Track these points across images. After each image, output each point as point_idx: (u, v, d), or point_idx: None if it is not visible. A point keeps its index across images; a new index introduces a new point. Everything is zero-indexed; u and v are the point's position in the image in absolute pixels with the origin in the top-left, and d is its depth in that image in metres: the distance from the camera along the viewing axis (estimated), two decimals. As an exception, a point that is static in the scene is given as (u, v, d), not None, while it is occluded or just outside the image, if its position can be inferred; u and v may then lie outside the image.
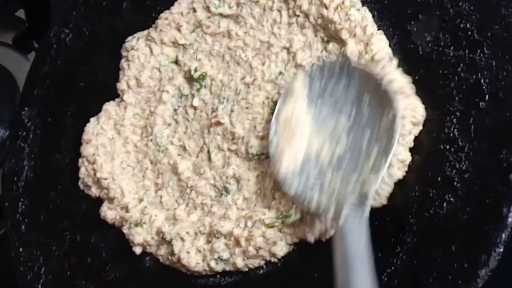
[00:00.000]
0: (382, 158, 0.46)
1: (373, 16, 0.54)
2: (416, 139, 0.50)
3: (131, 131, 0.63)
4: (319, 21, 0.55)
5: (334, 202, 0.46)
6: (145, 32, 0.65)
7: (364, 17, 0.53)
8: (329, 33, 0.55)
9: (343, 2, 0.54)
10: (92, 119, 0.65)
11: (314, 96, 0.52)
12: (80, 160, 0.64)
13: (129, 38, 0.65)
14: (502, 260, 0.44)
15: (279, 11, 0.58)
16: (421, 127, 0.50)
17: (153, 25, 0.64)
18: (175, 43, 0.63)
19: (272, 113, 0.56)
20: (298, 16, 0.57)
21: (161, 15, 0.64)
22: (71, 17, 0.71)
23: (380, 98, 0.48)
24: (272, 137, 0.52)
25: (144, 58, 0.64)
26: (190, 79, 0.62)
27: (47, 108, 0.70)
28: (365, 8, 0.54)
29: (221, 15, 0.61)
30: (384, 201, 0.49)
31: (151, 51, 0.64)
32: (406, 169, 0.49)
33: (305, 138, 0.50)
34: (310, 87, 0.52)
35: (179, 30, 0.63)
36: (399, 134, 0.46)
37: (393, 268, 0.48)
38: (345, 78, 0.50)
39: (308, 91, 0.52)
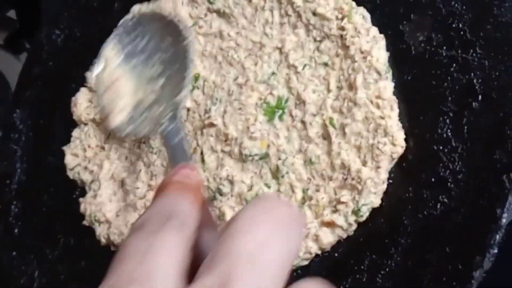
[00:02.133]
0: (185, 74, 0.53)
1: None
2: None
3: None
4: (312, 20, 0.55)
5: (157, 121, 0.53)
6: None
7: (365, 17, 0.54)
8: (322, 32, 0.55)
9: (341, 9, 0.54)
10: None
11: (128, 55, 0.58)
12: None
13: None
14: (496, 262, 0.44)
15: (271, 11, 0.58)
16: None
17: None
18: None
19: (265, 114, 0.56)
20: (290, 16, 0.56)
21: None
22: (62, 18, 0.71)
23: (176, 34, 0.55)
24: (97, 99, 0.59)
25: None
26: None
27: (39, 110, 0.70)
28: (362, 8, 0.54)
29: (215, 12, 0.61)
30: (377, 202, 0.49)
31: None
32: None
33: (129, 96, 0.57)
34: (122, 49, 0.58)
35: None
36: (193, 53, 0.54)
37: (387, 270, 0.48)
38: (148, 30, 0.57)
39: (120, 53, 0.58)
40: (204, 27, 0.61)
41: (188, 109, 0.60)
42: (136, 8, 0.65)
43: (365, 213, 0.50)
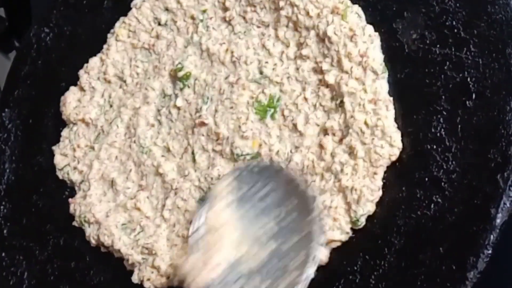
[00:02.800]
0: (307, 260, 0.45)
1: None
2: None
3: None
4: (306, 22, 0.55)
5: None
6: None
7: (360, 16, 0.53)
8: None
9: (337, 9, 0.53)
10: None
11: (243, 199, 0.50)
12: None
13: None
14: (490, 262, 0.43)
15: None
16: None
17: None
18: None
19: (256, 113, 0.55)
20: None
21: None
22: (51, 16, 0.70)
23: (304, 201, 0.47)
24: (196, 240, 0.50)
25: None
26: (173, 77, 0.61)
27: (28, 109, 0.69)
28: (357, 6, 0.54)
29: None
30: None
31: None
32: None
33: (230, 245, 0.49)
34: (238, 190, 0.50)
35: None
36: (321, 236, 0.46)
37: (380, 271, 0.48)
38: (273, 181, 0.49)
39: (235, 195, 0.50)
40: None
41: (179, 108, 0.60)
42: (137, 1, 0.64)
43: (362, 222, 0.49)
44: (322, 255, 0.48)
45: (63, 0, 0.70)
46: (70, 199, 0.63)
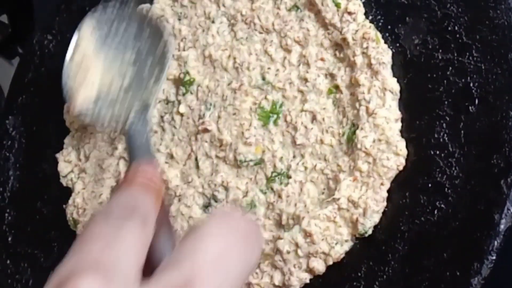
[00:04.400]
0: (161, 73, 0.54)
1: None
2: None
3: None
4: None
5: (123, 115, 0.52)
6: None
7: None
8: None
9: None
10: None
11: (102, 38, 0.57)
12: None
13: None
14: (494, 268, 0.43)
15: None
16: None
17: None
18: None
19: (259, 119, 0.55)
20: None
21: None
22: (53, 23, 0.70)
23: (155, 30, 0.56)
24: (65, 80, 0.57)
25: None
26: (177, 83, 0.61)
27: (31, 116, 0.69)
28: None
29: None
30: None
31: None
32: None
33: (97, 77, 0.56)
34: (97, 31, 0.58)
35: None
36: (172, 52, 0.56)
37: (384, 277, 0.48)
38: (126, 18, 0.57)
39: (96, 35, 0.58)
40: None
41: (182, 115, 0.60)
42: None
43: (369, 233, 0.49)
44: (320, 266, 0.50)
45: (66, 7, 0.70)
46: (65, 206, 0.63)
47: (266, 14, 0.57)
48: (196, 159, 0.58)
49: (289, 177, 0.53)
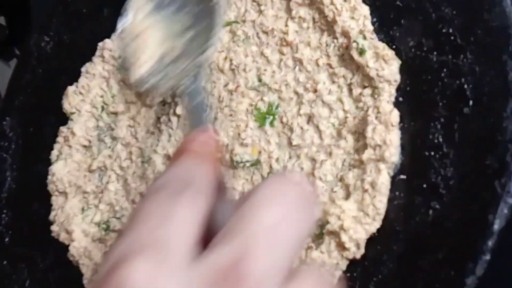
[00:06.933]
0: (214, 33, 0.52)
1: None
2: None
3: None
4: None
5: (179, 80, 0.52)
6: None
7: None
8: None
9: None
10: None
11: (158, 5, 0.56)
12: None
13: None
14: (488, 268, 0.44)
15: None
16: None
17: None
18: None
19: (256, 121, 0.56)
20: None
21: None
22: (51, 25, 0.70)
23: None
24: (122, 48, 0.57)
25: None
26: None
27: (28, 117, 0.69)
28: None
29: None
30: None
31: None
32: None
33: (153, 44, 0.55)
34: (151, 1, 0.56)
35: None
36: (222, 11, 0.53)
37: (379, 276, 0.48)
38: None
39: (151, 4, 0.56)
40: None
41: (179, 116, 0.60)
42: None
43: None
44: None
45: (63, 9, 0.70)
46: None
47: (267, 17, 0.58)
48: (192, 160, 0.58)
49: (285, 178, 0.54)
